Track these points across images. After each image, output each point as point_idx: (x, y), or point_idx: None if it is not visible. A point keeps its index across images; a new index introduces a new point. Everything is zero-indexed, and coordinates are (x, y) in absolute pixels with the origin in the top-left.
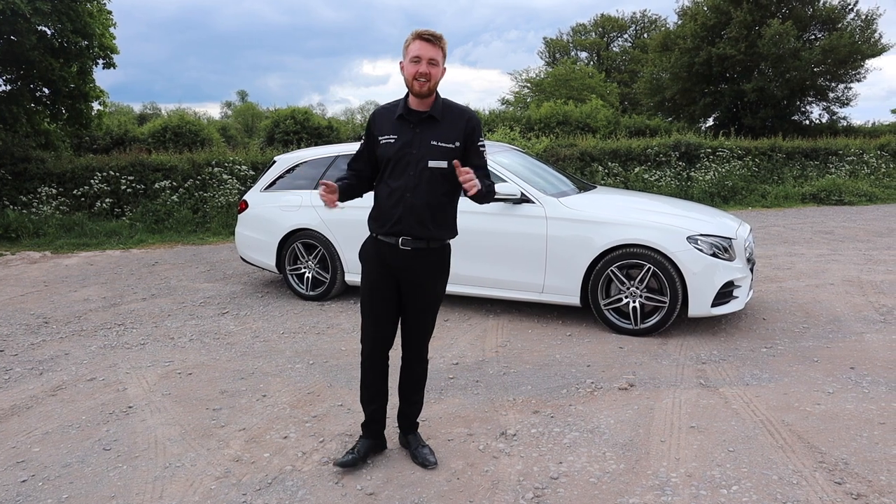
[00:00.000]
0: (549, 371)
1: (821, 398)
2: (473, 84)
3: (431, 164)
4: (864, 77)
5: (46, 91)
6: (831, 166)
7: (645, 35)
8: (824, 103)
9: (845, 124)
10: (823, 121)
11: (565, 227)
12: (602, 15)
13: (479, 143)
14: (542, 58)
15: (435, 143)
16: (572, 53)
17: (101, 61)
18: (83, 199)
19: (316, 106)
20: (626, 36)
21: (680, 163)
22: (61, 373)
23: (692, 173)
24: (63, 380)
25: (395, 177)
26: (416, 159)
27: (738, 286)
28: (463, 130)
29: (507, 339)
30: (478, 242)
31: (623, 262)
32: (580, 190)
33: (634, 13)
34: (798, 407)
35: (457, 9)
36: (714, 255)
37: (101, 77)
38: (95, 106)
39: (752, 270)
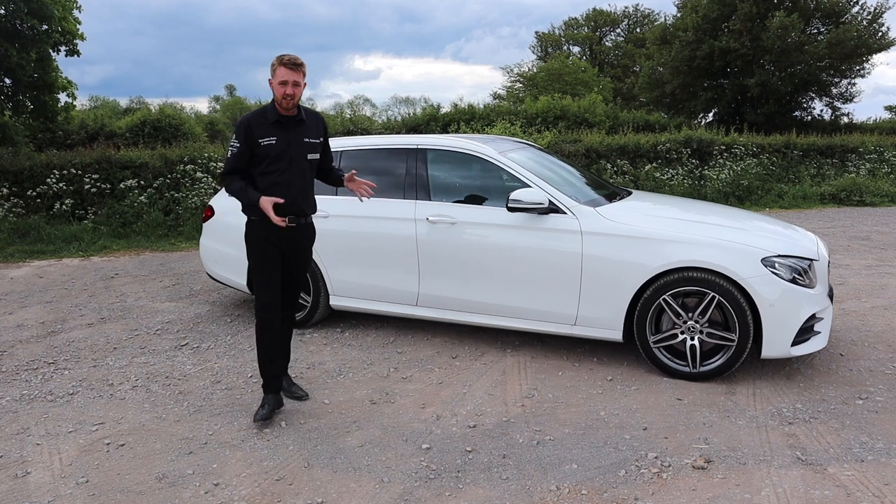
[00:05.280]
0: (596, 438)
1: None
2: (464, 79)
3: (310, 156)
4: (869, 72)
5: (8, 81)
6: (850, 164)
7: (637, 30)
8: (827, 99)
9: (847, 120)
10: (826, 117)
11: (606, 244)
12: (594, 9)
13: (328, 138)
14: (534, 52)
15: (307, 140)
16: (564, 48)
17: (63, 48)
18: (39, 199)
19: (306, 101)
20: (618, 30)
21: (692, 160)
22: None
23: (705, 171)
24: None
25: (279, 170)
26: (297, 154)
27: (821, 318)
28: (322, 128)
29: (534, 386)
30: (493, 262)
31: (679, 288)
32: (615, 196)
33: (627, 7)
34: None
35: (449, 4)
36: (793, 280)
37: (90, 71)
38: (63, 98)
39: (831, 298)
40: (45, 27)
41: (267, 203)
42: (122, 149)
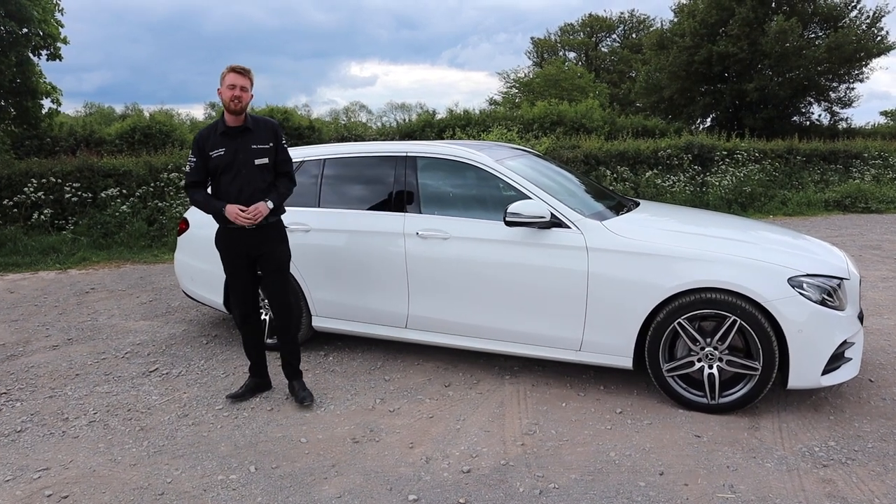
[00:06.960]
0: (607, 485)
1: None
2: (460, 85)
3: (257, 161)
4: (868, 77)
5: None
6: (853, 170)
7: (633, 35)
8: (826, 103)
9: (845, 125)
10: (825, 122)
11: (615, 261)
12: (590, 15)
13: (283, 142)
14: (530, 57)
15: (255, 146)
16: (560, 53)
17: (44, 52)
18: (16, 209)
19: (301, 107)
20: (614, 36)
21: (694, 166)
22: None
23: (707, 178)
24: None
25: (230, 177)
26: (245, 161)
27: (852, 343)
28: (272, 134)
29: (535, 420)
30: (489, 281)
31: (696, 311)
32: (622, 208)
33: (622, 13)
34: None
35: (445, 11)
36: (822, 302)
37: (88, 78)
38: (47, 104)
39: (861, 320)
40: (24, 30)
41: (233, 209)
42: (105, 156)
